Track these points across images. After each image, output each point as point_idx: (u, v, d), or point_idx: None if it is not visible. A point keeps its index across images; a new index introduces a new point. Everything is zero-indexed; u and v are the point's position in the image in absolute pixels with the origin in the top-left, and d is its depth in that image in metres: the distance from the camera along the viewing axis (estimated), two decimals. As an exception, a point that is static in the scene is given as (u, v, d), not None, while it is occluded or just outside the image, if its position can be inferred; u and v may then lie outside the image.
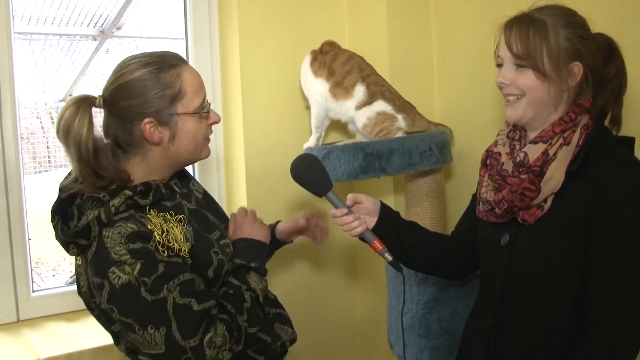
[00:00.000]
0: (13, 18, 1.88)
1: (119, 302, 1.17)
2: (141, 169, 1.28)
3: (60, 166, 3.67)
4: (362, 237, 1.41)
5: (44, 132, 3.75)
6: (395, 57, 2.14)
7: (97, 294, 1.21)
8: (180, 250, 1.21)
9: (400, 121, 1.89)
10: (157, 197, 1.26)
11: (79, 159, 1.20)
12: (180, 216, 1.28)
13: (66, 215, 1.23)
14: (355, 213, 1.40)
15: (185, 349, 1.17)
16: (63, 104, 1.21)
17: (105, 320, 1.29)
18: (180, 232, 1.24)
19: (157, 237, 1.19)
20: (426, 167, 1.82)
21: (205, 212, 1.39)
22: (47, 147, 3.81)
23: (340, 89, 1.92)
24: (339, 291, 2.37)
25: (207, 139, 1.33)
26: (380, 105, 1.89)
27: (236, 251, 1.36)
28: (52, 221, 1.24)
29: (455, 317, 1.77)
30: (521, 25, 1.25)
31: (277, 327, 1.45)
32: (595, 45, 1.27)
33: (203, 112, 1.28)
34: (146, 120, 1.22)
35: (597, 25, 1.29)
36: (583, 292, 1.23)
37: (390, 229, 1.44)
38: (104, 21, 2.88)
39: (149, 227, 1.20)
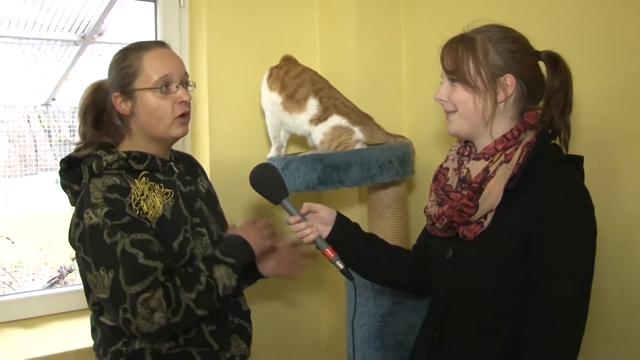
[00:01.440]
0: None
1: (84, 241, 1.31)
2: (129, 141, 1.45)
3: (49, 169, 3.68)
4: (316, 246, 1.43)
5: (33, 135, 3.77)
6: (364, 69, 2.15)
7: (73, 234, 1.35)
8: (148, 214, 1.35)
9: (358, 133, 1.89)
10: (151, 166, 1.42)
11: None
12: (168, 190, 1.43)
13: (71, 163, 1.41)
14: (308, 221, 1.42)
15: (125, 296, 1.25)
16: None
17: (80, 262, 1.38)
18: (160, 202, 1.39)
19: (134, 196, 1.34)
20: (385, 180, 1.82)
21: (198, 201, 1.50)
22: (36, 150, 3.83)
23: (292, 102, 1.92)
24: (304, 306, 2.37)
25: (178, 118, 1.43)
26: (335, 120, 1.89)
27: (221, 242, 1.44)
28: (59, 166, 1.42)
29: (411, 331, 1.76)
30: (453, 43, 1.30)
31: (233, 338, 1.47)
32: (534, 59, 1.29)
33: (158, 89, 1.40)
34: (114, 94, 1.43)
35: (546, 46, 1.31)
36: (522, 306, 1.22)
37: (346, 238, 1.45)
38: (85, 27, 2.89)
39: (131, 186, 1.36)
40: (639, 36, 1.51)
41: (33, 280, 3.37)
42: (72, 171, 1.39)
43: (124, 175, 1.37)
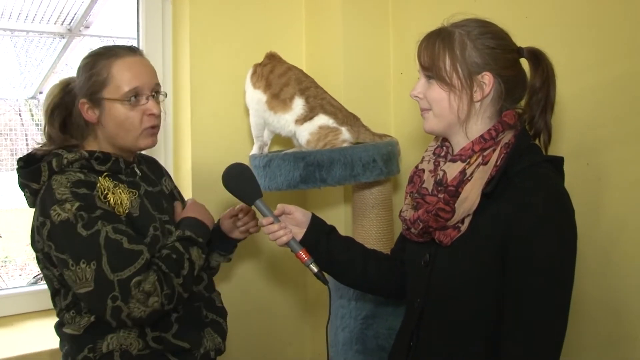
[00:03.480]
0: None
1: (56, 238, 1.27)
2: (94, 142, 1.42)
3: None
4: (290, 248, 1.39)
5: (24, 129, 3.73)
6: (351, 65, 2.10)
7: (39, 235, 1.31)
8: (114, 208, 1.32)
9: (345, 133, 1.85)
10: (114, 168, 1.39)
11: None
12: (132, 190, 1.40)
13: (30, 161, 1.37)
14: (282, 223, 1.38)
15: (113, 284, 1.23)
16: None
17: (46, 265, 1.36)
18: (127, 199, 1.36)
19: (101, 189, 1.32)
20: (369, 179, 1.78)
21: (163, 200, 1.48)
22: (27, 144, 3.79)
23: (277, 101, 1.88)
24: (288, 308, 2.34)
25: (147, 129, 1.40)
26: (322, 120, 1.85)
27: (184, 225, 1.43)
28: (17, 165, 1.37)
29: (392, 334, 1.70)
30: (430, 38, 1.25)
31: (207, 331, 1.45)
32: (514, 56, 1.23)
33: (127, 100, 1.37)
34: (81, 100, 1.39)
35: (534, 44, 1.26)
36: (499, 316, 1.18)
37: (320, 241, 1.41)
38: (72, 19, 2.85)
39: (96, 181, 1.33)
40: (629, 35, 1.47)
41: (20, 275, 3.34)
42: (29, 169, 1.35)
43: (86, 173, 1.35)
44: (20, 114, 3.75)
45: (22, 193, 1.39)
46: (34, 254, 1.36)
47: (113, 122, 1.38)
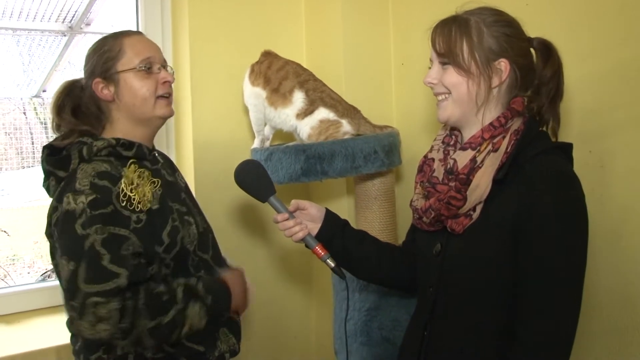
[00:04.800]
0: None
1: (58, 226, 1.28)
2: (111, 129, 1.43)
3: (45, 161, 3.67)
4: (306, 244, 1.39)
5: (29, 128, 3.74)
6: (351, 57, 2.10)
7: (51, 219, 1.32)
8: (139, 203, 1.32)
9: (346, 125, 1.84)
10: (139, 153, 1.40)
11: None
12: (155, 179, 1.40)
13: (54, 150, 1.39)
14: (297, 218, 1.38)
15: (77, 293, 1.20)
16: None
17: (54, 256, 1.35)
18: (150, 191, 1.36)
19: (123, 185, 1.31)
20: (370, 170, 1.77)
21: (181, 190, 1.49)
22: (32, 143, 3.80)
23: (277, 95, 1.87)
24: (294, 302, 2.34)
25: (162, 98, 1.43)
26: (322, 113, 1.84)
27: (207, 280, 1.39)
28: (42, 154, 1.38)
29: (397, 326, 1.72)
30: (445, 25, 1.24)
31: (222, 332, 1.44)
32: (527, 45, 1.24)
33: (141, 67, 1.40)
34: (96, 79, 1.41)
35: (536, 31, 1.27)
36: (513, 304, 1.18)
37: (335, 236, 1.41)
38: (72, 17, 2.86)
39: (121, 174, 1.33)
40: (631, 22, 1.46)
41: (28, 273, 3.37)
42: (58, 156, 1.36)
43: (113, 162, 1.35)
44: (24, 113, 3.77)
45: (44, 182, 1.39)
46: (41, 252, 1.36)
47: (129, 94, 1.40)
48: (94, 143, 1.35)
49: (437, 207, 1.23)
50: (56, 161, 1.36)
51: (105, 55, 1.40)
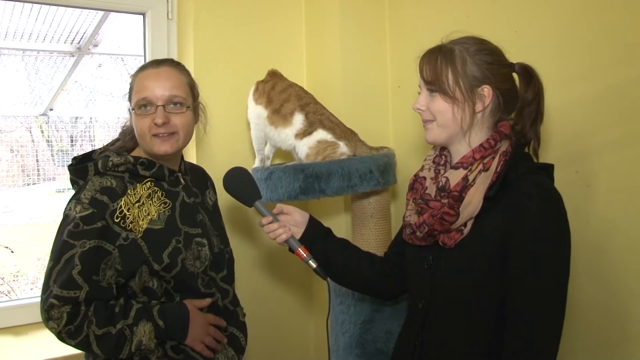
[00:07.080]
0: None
1: (59, 225, 1.38)
2: (140, 152, 1.52)
3: (49, 179, 3.72)
4: (289, 248, 1.48)
5: (33, 145, 3.81)
6: (350, 79, 2.17)
7: None
8: (132, 223, 1.38)
9: (343, 147, 1.91)
10: (158, 174, 1.47)
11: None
12: (167, 200, 1.47)
13: (79, 161, 1.48)
14: (281, 222, 1.48)
15: (46, 290, 1.30)
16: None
17: None
18: (155, 211, 1.43)
19: (122, 203, 1.38)
20: (366, 189, 1.84)
21: (202, 213, 1.53)
22: (37, 160, 3.87)
23: (278, 116, 1.94)
24: (293, 315, 2.39)
25: (155, 136, 1.45)
26: (321, 134, 1.91)
27: (167, 306, 1.42)
28: (70, 162, 1.48)
29: (390, 338, 1.78)
30: (431, 54, 1.33)
31: (222, 345, 1.49)
32: (509, 71, 1.33)
33: (137, 109, 1.45)
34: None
35: (524, 57, 1.35)
36: (502, 315, 1.24)
37: (317, 241, 1.50)
38: (81, 38, 2.94)
39: (128, 191, 1.41)
40: (614, 47, 1.52)
41: (32, 289, 3.41)
42: (78, 166, 1.45)
43: (125, 178, 1.43)
44: (30, 131, 3.84)
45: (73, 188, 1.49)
46: (44, 268, 1.42)
47: (135, 128, 1.48)
48: (110, 158, 1.43)
49: (430, 222, 1.30)
50: (75, 171, 1.45)
51: (128, 90, 1.51)
